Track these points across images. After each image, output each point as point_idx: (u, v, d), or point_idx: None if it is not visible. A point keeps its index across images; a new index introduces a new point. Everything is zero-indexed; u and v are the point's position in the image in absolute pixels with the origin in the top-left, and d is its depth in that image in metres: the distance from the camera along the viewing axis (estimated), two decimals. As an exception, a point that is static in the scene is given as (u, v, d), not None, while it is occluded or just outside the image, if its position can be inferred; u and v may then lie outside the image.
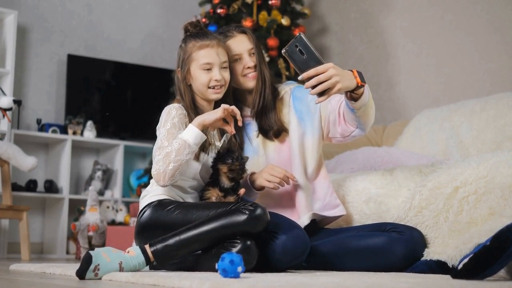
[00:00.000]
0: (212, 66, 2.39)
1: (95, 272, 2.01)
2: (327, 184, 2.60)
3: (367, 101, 2.32)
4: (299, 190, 2.52)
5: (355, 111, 2.34)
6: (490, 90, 3.95)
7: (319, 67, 2.17)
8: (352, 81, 2.23)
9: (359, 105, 2.31)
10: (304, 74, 2.19)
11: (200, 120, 2.26)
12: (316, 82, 2.17)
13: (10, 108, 4.28)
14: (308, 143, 2.56)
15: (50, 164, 5.13)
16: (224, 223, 2.14)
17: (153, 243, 2.14)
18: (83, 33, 5.39)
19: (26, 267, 2.66)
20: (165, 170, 2.20)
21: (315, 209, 2.55)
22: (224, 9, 4.65)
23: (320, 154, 2.61)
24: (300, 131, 2.55)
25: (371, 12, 4.95)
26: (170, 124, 2.30)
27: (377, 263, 2.38)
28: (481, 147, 3.23)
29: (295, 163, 2.53)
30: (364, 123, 2.40)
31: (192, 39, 2.42)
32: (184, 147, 2.21)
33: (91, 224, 4.56)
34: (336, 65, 2.20)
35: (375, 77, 4.83)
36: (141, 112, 5.35)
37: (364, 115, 2.37)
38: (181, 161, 2.20)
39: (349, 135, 2.48)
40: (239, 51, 2.52)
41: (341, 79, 2.18)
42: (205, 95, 2.42)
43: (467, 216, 2.32)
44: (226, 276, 1.83)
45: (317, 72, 2.17)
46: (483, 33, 4.15)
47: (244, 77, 2.53)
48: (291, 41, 2.21)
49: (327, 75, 2.16)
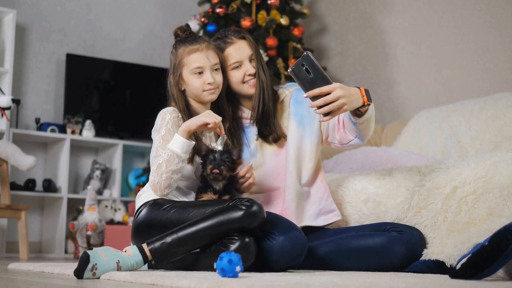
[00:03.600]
0: (203, 70, 2.40)
1: (93, 271, 2.02)
2: (323, 189, 2.60)
3: (369, 116, 2.33)
4: (290, 198, 2.51)
5: (357, 125, 2.35)
6: (489, 90, 3.95)
7: (324, 87, 2.16)
8: (359, 100, 2.23)
9: (362, 121, 2.32)
10: (309, 92, 2.17)
11: (185, 127, 2.28)
12: (323, 103, 2.17)
13: (9, 107, 4.29)
14: (306, 147, 2.55)
15: (49, 163, 5.13)
16: (221, 220, 2.15)
17: (151, 241, 2.15)
18: (82, 32, 5.39)
19: (24, 266, 2.66)
20: (159, 181, 2.27)
21: (309, 213, 2.55)
22: (223, 8, 4.65)
23: (319, 158, 2.60)
24: (298, 134, 2.55)
25: (370, 12, 4.95)
26: (164, 131, 2.33)
27: (377, 262, 2.38)
28: (479, 147, 3.23)
29: (289, 170, 2.53)
30: (364, 134, 2.41)
31: (182, 45, 2.44)
32: (173, 157, 2.25)
33: (90, 223, 4.56)
34: (343, 85, 2.19)
35: (374, 77, 4.84)
36: (140, 112, 5.35)
37: (365, 128, 2.38)
38: (172, 170, 2.25)
39: (347, 143, 2.48)
40: (239, 58, 2.51)
41: (348, 100, 2.18)
42: (201, 98, 2.44)
43: (466, 216, 2.32)
44: (224, 276, 1.83)
45: (322, 92, 2.16)
46: (482, 33, 4.15)
47: (245, 84, 2.52)
48: (298, 60, 2.19)
49: (334, 96, 2.16)
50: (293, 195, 2.51)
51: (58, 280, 2.03)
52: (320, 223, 2.55)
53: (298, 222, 2.51)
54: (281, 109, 2.59)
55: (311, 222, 2.54)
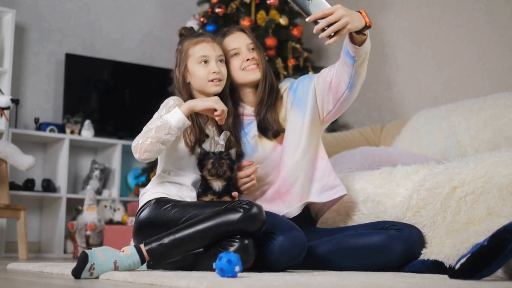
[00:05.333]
0: (208, 59, 2.41)
1: (91, 271, 2.01)
2: (325, 165, 2.57)
3: (369, 47, 2.31)
4: (290, 177, 2.50)
5: (356, 59, 2.31)
6: (488, 90, 3.95)
7: (326, 9, 2.15)
8: (361, 20, 2.20)
9: (362, 52, 2.29)
10: (311, 16, 2.15)
11: (191, 105, 2.27)
12: (326, 24, 2.15)
13: (8, 107, 4.28)
14: (301, 123, 2.52)
15: (48, 163, 5.13)
16: (219, 222, 2.14)
17: (148, 242, 2.14)
18: (81, 32, 5.39)
19: (23, 266, 2.66)
20: (143, 143, 2.24)
21: (313, 191, 2.53)
22: (222, 8, 4.65)
23: (318, 135, 2.57)
24: (295, 118, 2.53)
25: (370, 12, 4.91)
26: (164, 111, 2.32)
27: (375, 261, 2.38)
28: (479, 147, 3.23)
29: (285, 150, 2.51)
30: (358, 76, 2.37)
31: (188, 39, 2.47)
32: (165, 127, 2.22)
33: (89, 223, 4.56)
34: (343, 6, 2.18)
35: (374, 77, 4.83)
36: (139, 112, 5.33)
37: (362, 66, 2.35)
38: (158, 138, 2.22)
39: (341, 97, 2.44)
40: (237, 45, 2.53)
41: (350, 19, 2.15)
42: (205, 89, 2.42)
43: (465, 216, 2.32)
44: (223, 276, 1.83)
45: (324, 14, 2.15)
46: (482, 33, 4.15)
47: (243, 71, 2.52)
48: None
49: (336, 16, 2.14)
50: (293, 173, 2.49)
51: (57, 280, 2.03)
52: (324, 199, 2.53)
53: (302, 200, 2.50)
54: (280, 105, 2.59)
55: (314, 199, 2.53)
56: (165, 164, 2.41)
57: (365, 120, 4.87)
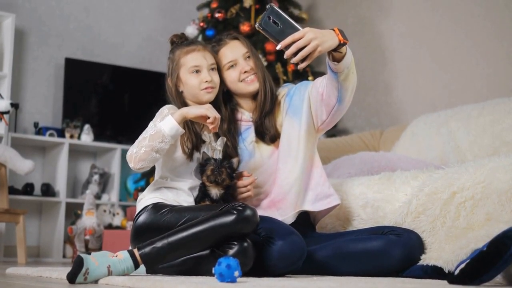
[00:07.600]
0: (200, 68, 2.41)
1: (85, 276, 2.01)
2: (320, 173, 2.56)
3: (350, 62, 2.30)
4: (285, 185, 2.50)
5: (338, 75, 2.31)
6: (487, 95, 3.96)
7: (295, 34, 2.14)
8: (333, 40, 2.19)
9: (342, 67, 2.28)
10: (282, 43, 2.15)
11: (183, 112, 2.26)
12: (296, 49, 2.14)
13: (8, 111, 4.29)
14: (297, 132, 2.52)
15: (47, 167, 5.12)
16: (212, 225, 2.13)
17: (142, 246, 2.14)
18: (80, 36, 5.39)
19: (22, 270, 2.66)
20: (137, 152, 2.23)
21: (307, 199, 2.53)
22: (222, 13, 4.66)
23: (312, 143, 2.56)
24: (291, 124, 2.53)
25: (368, 17, 4.96)
26: (159, 120, 2.32)
27: (374, 266, 2.38)
28: (478, 153, 3.23)
29: (281, 158, 2.51)
30: (345, 90, 2.36)
31: (179, 48, 2.47)
32: (158, 135, 2.22)
33: (88, 227, 4.56)
34: (313, 28, 2.17)
35: (372, 82, 4.84)
36: (139, 116, 5.31)
37: (346, 79, 2.33)
38: (152, 147, 2.21)
39: (332, 110, 2.44)
40: (233, 57, 2.52)
41: (320, 41, 2.15)
42: (198, 98, 2.43)
43: (464, 222, 2.32)
44: (223, 281, 1.83)
45: (294, 39, 2.14)
46: (481, 38, 4.16)
47: (242, 83, 2.52)
48: (263, 14, 2.17)
49: (306, 40, 2.13)
50: (288, 180, 2.50)
51: (56, 284, 2.03)
52: (318, 207, 2.52)
53: (296, 208, 2.49)
54: (278, 109, 2.59)
55: (308, 207, 2.52)
56: (163, 171, 2.41)
57: (364, 125, 4.87)
